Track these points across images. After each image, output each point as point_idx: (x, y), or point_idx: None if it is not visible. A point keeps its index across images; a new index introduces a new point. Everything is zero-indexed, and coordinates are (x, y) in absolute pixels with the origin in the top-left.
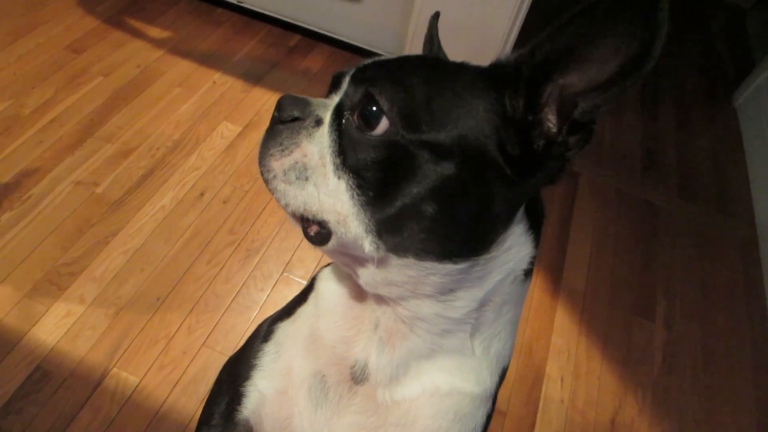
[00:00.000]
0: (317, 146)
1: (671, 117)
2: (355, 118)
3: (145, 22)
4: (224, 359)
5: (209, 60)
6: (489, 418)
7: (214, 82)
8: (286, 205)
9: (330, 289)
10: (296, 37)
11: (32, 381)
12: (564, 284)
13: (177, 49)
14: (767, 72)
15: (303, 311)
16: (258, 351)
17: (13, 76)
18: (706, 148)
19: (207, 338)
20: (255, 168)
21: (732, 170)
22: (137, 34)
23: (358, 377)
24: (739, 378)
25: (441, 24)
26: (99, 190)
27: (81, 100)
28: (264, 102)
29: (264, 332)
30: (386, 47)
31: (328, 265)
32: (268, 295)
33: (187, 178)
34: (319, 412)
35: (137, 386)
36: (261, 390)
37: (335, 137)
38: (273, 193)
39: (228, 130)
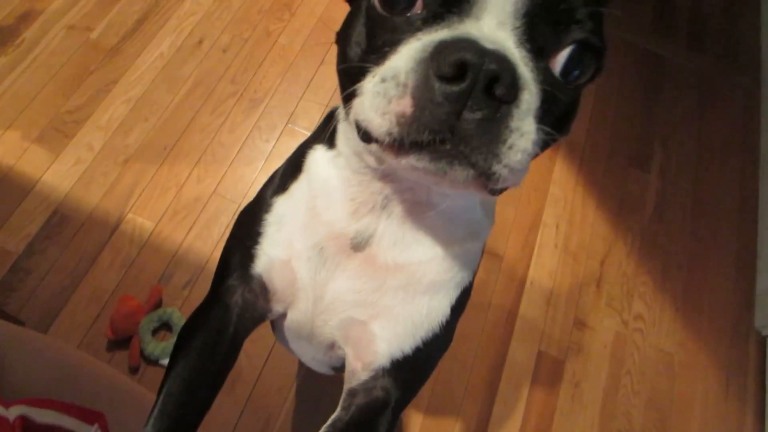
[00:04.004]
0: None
1: None
2: (559, 66)
3: None
4: (235, 207)
5: None
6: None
7: None
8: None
9: (327, 174)
10: None
11: (51, 224)
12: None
13: None
14: None
15: (296, 188)
16: (262, 221)
17: None
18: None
19: (217, 187)
20: (254, 14)
21: (744, 21)
22: None
23: (358, 246)
24: (724, 226)
25: None
26: (93, 35)
27: None
28: None
29: (265, 204)
30: None
31: (310, 144)
32: (274, 146)
33: (184, 24)
34: (318, 279)
35: (153, 230)
36: (269, 255)
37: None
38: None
39: None
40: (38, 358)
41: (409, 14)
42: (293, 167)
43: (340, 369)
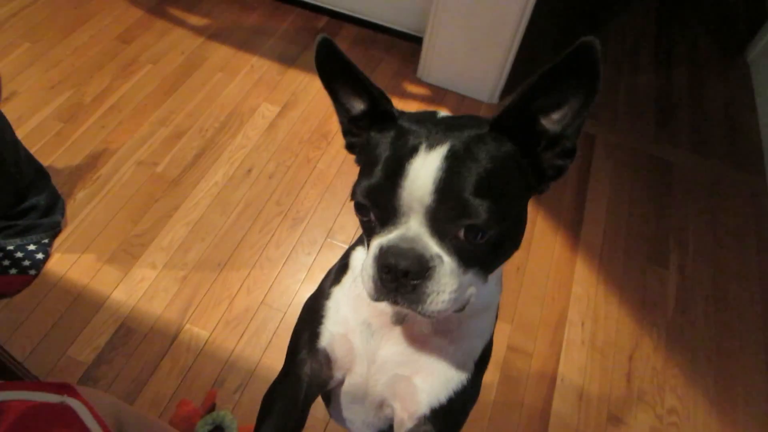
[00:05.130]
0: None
1: (685, 73)
2: (462, 236)
3: (184, 10)
4: (281, 315)
5: (246, 45)
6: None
7: (252, 66)
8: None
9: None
10: (324, 19)
11: (118, 336)
12: (583, 239)
13: (216, 35)
14: None
15: (346, 280)
16: (323, 306)
17: (72, 67)
18: (719, 104)
19: (264, 297)
20: (295, 144)
21: (744, 124)
22: (178, 23)
23: (398, 321)
24: (749, 317)
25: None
26: (159, 169)
27: (135, 87)
28: (299, 83)
29: (325, 293)
30: (410, 25)
31: (354, 246)
32: (315, 258)
33: (235, 156)
34: (369, 347)
35: (208, 339)
36: (331, 331)
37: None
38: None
39: (268, 110)
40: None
41: (372, 220)
42: (343, 265)
43: None
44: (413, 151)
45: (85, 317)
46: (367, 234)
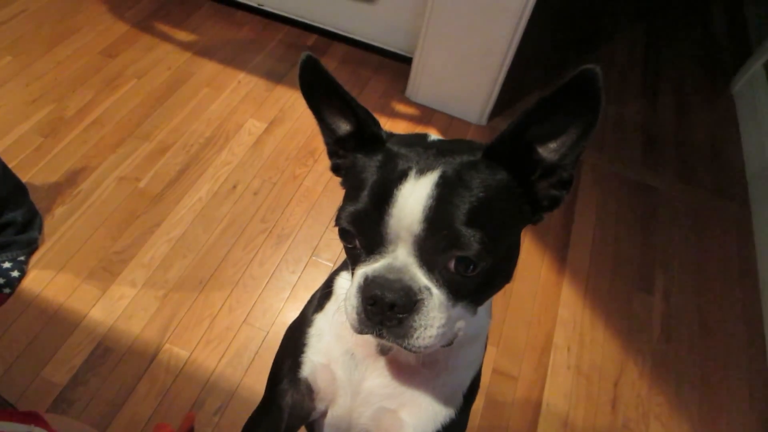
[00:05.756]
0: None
1: (671, 104)
2: (452, 268)
3: (171, 25)
4: (263, 335)
5: (233, 61)
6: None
7: (239, 82)
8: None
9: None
10: (313, 37)
11: (95, 356)
12: (570, 263)
13: (203, 51)
14: (763, 59)
15: (329, 307)
16: (305, 334)
17: (54, 81)
18: (704, 134)
19: (247, 316)
20: (281, 161)
21: (728, 154)
22: (165, 38)
23: (383, 351)
24: (733, 345)
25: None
26: (141, 184)
27: (118, 102)
28: (286, 100)
29: (308, 320)
30: (400, 45)
31: (338, 272)
32: (299, 276)
33: (220, 172)
34: (353, 378)
35: (188, 359)
36: (313, 361)
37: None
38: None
39: (255, 126)
40: None
41: (357, 247)
42: (327, 292)
43: None
44: (402, 176)
45: (61, 337)
46: (352, 261)
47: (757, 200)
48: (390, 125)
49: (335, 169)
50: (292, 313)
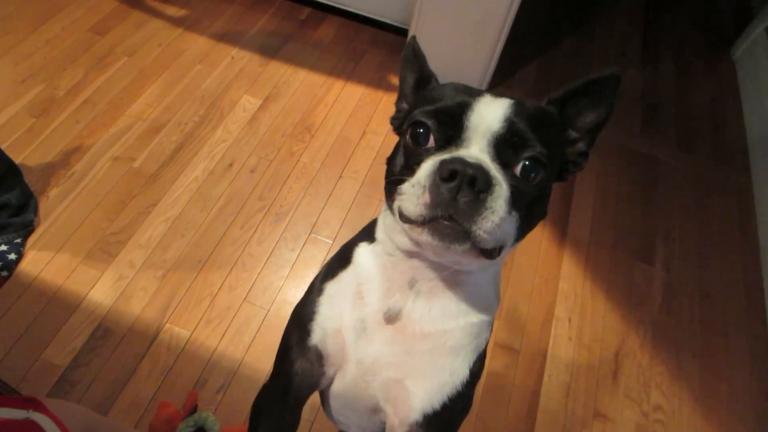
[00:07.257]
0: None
1: (671, 71)
2: (518, 172)
3: (161, 0)
4: (264, 312)
5: (226, 36)
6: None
7: (233, 58)
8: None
9: (369, 264)
10: (306, 10)
11: (96, 337)
12: (570, 235)
13: (194, 26)
14: (764, 24)
15: (344, 276)
16: (314, 303)
17: (44, 60)
18: (704, 101)
19: (247, 295)
20: (278, 138)
21: (729, 122)
22: (155, 14)
23: (390, 319)
24: (733, 314)
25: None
26: (136, 164)
27: (110, 81)
28: (281, 75)
29: (317, 289)
30: (395, 17)
31: (356, 243)
32: (299, 254)
33: (216, 150)
34: (360, 344)
35: (189, 339)
36: (323, 327)
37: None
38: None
39: (249, 103)
40: None
41: (426, 146)
42: (342, 260)
43: None
44: (479, 95)
45: (61, 319)
46: (416, 162)
47: (758, 167)
48: (386, 99)
49: (397, 121)
50: (292, 291)
